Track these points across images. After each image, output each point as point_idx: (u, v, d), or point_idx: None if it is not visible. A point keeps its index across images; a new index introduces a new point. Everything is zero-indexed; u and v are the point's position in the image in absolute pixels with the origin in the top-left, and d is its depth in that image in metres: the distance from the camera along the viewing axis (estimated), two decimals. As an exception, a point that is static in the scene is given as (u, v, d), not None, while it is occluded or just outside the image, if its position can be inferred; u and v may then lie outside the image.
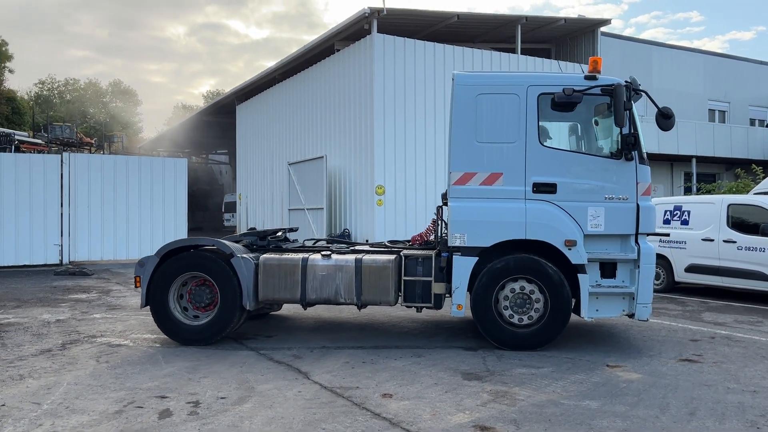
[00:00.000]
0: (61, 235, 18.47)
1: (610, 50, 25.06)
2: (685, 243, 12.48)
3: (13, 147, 24.66)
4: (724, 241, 11.72)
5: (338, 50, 20.51)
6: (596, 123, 7.90)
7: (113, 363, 6.86)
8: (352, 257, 7.75)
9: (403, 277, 7.69)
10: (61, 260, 18.25)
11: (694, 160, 26.44)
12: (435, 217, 8.55)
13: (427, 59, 19.12)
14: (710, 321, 9.60)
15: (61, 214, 18.54)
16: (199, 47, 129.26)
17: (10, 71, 52.25)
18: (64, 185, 18.63)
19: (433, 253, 7.77)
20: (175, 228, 19.91)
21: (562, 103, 7.39)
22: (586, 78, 7.51)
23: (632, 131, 7.37)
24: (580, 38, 23.84)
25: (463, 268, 7.51)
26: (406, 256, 7.81)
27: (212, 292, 7.84)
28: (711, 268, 11.98)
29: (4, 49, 49.18)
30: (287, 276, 7.73)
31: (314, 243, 9.61)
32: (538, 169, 7.53)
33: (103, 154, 40.94)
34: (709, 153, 26.40)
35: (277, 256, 7.91)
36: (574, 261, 7.36)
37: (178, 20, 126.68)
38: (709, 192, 22.05)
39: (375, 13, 18.11)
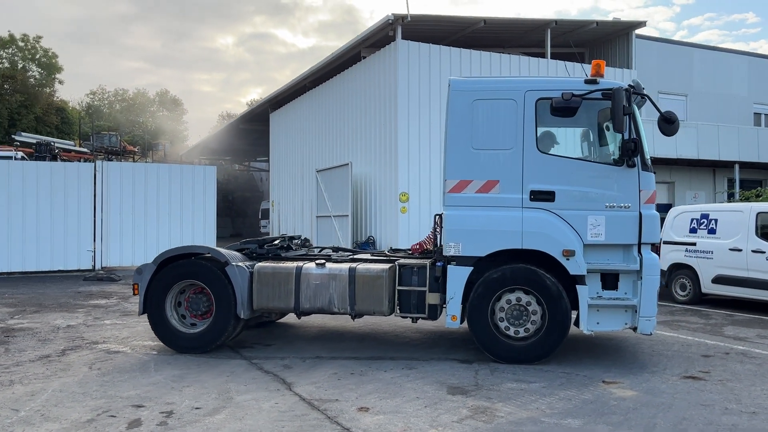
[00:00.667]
0: (94, 241, 18.91)
1: (648, 53, 24.41)
2: (712, 253, 11.96)
3: (51, 155, 25.46)
4: (753, 251, 11.19)
5: (364, 57, 20.50)
6: (607, 128, 7.62)
7: (104, 370, 6.91)
8: (346, 266, 7.66)
9: (398, 287, 7.55)
10: (94, 266, 18.67)
11: (737, 166, 25.44)
12: (435, 225, 8.39)
13: (453, 65, 18.93)
14: (731, 335, 9.15)
15: (94, 220, 18.98)
16: (247, 56, 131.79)
17: (60, 82, 54.06)
18: (97, 193, 19.08)
19: (428, 262, 7.61)
20: (203, 234, 20.18)
21: (561, 108, 7.15)
22: (587, 82, 7.27)
23: (633, 137, 7.08)
24: (614, 42, 23.27)
25: (457, 278, 7.33)
26: (402, 266, 7.67)
27: (209, 300, 7.85)
28: (739, 279, 11.45)
29: (54, 61, 50.97)
30: (281, 285, 7.68)
31: (320, 251, 9.58)
32: (536, 176, 7.31)
33: (146, 162, 41.98)
34: (753, 158, 25.38)
35: (272, 264, 7.88)
36: (572, 272, 7.11)
37: (227, 31, 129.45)
38: (747, 199, 21.19)
39: (399, 19, 18.04)
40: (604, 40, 23.55)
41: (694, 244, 12.29)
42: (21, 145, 30.15)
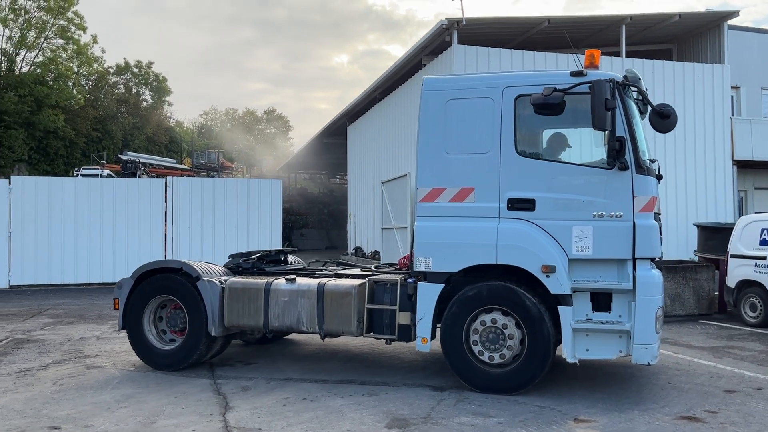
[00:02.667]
0: (165, 254, 19.58)
1: (746, 45, 22.12)
2: (786, 268, 10.37)
3: (138, 172, 26.86)
4: (831, 265, 9.56)
5: (425, 65, 19.97)
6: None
7: (66, 386, 6.84)
8: (315, 282, 7.19)
9: (367, 305, 6.97)
10: (164, 277, 19.29)
11: None
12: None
13: (514, 69, 17.96)
14: (784, 366, 7.78)
15: (165, 233, 19.68)
16: (361, 73, 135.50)
17: (169, 104, 57.36)
18: (168, 207, 19.78)
19: (399, 278, 6.99)
20: (269, 245, 20.37)
21: (542, 105, 6.31)
22: (573, 74, 6.41)
23: (618, 135, 6.12)
24: (704, 35, 21.26)
25: (428, 296, 6.66)
26: (375, 282, 7.10)
27: (185, 315, 7.64)
28: (815, 298, 9.82)
29: (164, 84, 54.27)
30: (251, 301, 7.33)
31: (323, 265, 9.18)
32: (515, 182, 6.51)
33: (245, 177, 43.59)
34: None
35: (243, 279, 7.56)
36: (553, 290, 6.24)
37: (342, 49, 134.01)
38: None
39: (454, 24, 17.38)
40: (693, 34, 21.59)
41: (765, 258, 10.72)
42: (125, 163, 32.16)
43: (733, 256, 11.30)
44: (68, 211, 18.99)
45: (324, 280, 7.23)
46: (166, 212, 19.66)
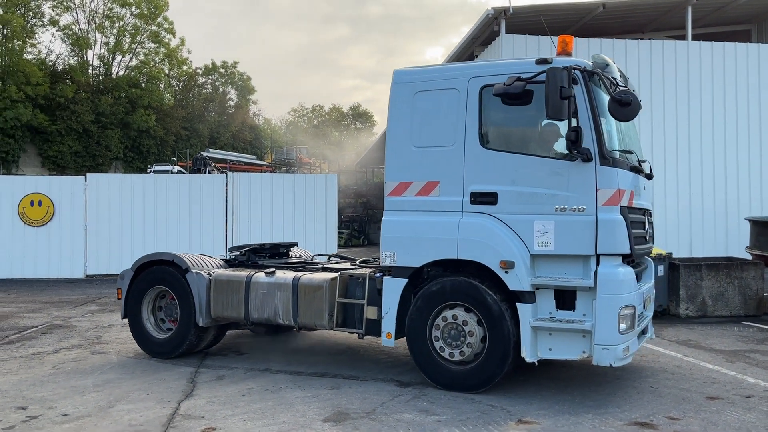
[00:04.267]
0: (225, 246, 20.36)
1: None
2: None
3: (208, 168, 28.03)
4: None
5: (476, 57, 19.61)
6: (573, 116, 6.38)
7: (63, 370, 7.31)
8: (291, 275, 7.30)
9: (338, 299, 7.00)
10: (223, 270, 20.10)
11: None
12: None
13: (567, 57, 17.29)
14: (800, 373, 7.13)
15: (226, 227, 20.47)
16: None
17: (254, 102, 59.32)
18: (228, 201, 20.56)
19: (368, 272, 6.97)
20: (326, 240, 20.69)
21: (505, 95, 6.11)
22: (538, 62, 6.13)
23: (575, 125, 5.82)
24: (788, 12, 19.59)
25: (392, 290, 6.62)
26: (350, 276, 7.12)
27: (177, 306, 7.96)
28: None
29: (248, 83, 56.24)
30: (234, 293, 7.53)
31: (328, 258, 9.29)
32: (478, 176, 6.34)
33: (325, 173, 44.44)
34: None
35: (228, 272, 7.78)
36: (511, 287, 6.04)
37: (436, 43, 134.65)
38: None
39: (501, 13, 16.94)
40: (776, 13, 19.95)
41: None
42: (195, 160, 33.65)
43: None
44: (137, 206, 20.10)
45: (301, 273, 7.33)
46: (227, 206, 20.46)
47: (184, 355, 7.87)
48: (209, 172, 27.39)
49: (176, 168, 26.56)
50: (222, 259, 8.48)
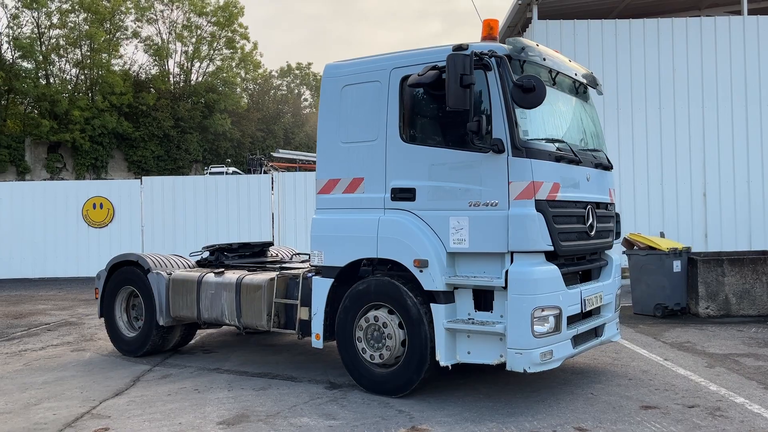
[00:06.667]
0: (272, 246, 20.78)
1: None
2: None
3: (263, 168, 28.66)
4: None
5: (514, 45, 18.90)
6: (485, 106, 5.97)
7: (31, 367, 7.66)
8: (236, 276, 7.30)
9: (274, 299, 6.93)
10: (268, 268, 20.54)
11: None
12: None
13: (606, 40, 16.36)
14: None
15: (272, 226, 20.90)
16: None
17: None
18: (274, 201, 20.98)
19: (299, 272, 6.85)
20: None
21: (419, 86, 5.83)
22: (454, 49, 5.78)
23: (480, 114, 5.48)
24: None
25: (320, 291, 6.48)
26: (288, 276, 7.03)
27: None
28: None
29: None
30: (188, 293, 7.62)
31: (309, 257, 9.24)
32: (399, 171, 6.09)
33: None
34: None
35: (184, 272, 7.87)
36: (425, 286, 5.77)
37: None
38: None
39: (532, -1, 16.26)
40: None
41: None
42: (277, 160, 34.56)
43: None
44: (189, 207, 20.90)
45: (243, 273, 7.32)
46: (273, 206, 20.88)
47: (150, 353, 8.04)
48: (264, 173, 28.07)
49: (231, 169, 27.42)
50: (197, 260, 8.60)
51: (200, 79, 48.14)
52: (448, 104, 5.41)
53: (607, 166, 6.76)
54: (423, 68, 5.79)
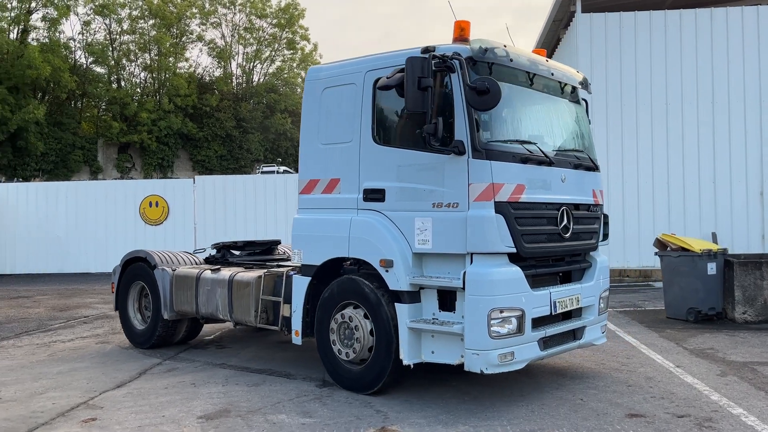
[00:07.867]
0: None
1: None
2: None
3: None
4: None
5: (560, 39, 18.46)
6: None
7: (53, 358, 8.04)
8: (229, 272, 7.50)
9: (261, 296, 7.06)
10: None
11: None
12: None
13: (654, 32, 15.70)
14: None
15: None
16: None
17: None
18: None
19: (284, 270, 6.98)
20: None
21: (387, 88, 5.85)
22: (423, 52, 5.69)
23: (436, 116, 5.42)
24: None
25: (299, 289, 6.62)
26: (276, 274, 7.17)
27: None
28: None
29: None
30: (188, 289, 7.85)
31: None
32: (370, 172, 6.17)
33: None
34: None
35: (186, 269, 8.09)
36: (390, 286, 5.84)
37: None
38: None
39: (575, -9, 15.80)
40: None
41: None
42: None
43: None
44: (239, 205, 21.50)
45: (238, 270, 7.53)
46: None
47: (157, 346, 8.31)
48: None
49: (282, 168, 27.88)
50: (204, 257, 8.83)
51: (261, 80, 49.25)
52: (406, 106, 5.42)
53: (591, 167, 6.55)
54: (392, 71, 5.77)
